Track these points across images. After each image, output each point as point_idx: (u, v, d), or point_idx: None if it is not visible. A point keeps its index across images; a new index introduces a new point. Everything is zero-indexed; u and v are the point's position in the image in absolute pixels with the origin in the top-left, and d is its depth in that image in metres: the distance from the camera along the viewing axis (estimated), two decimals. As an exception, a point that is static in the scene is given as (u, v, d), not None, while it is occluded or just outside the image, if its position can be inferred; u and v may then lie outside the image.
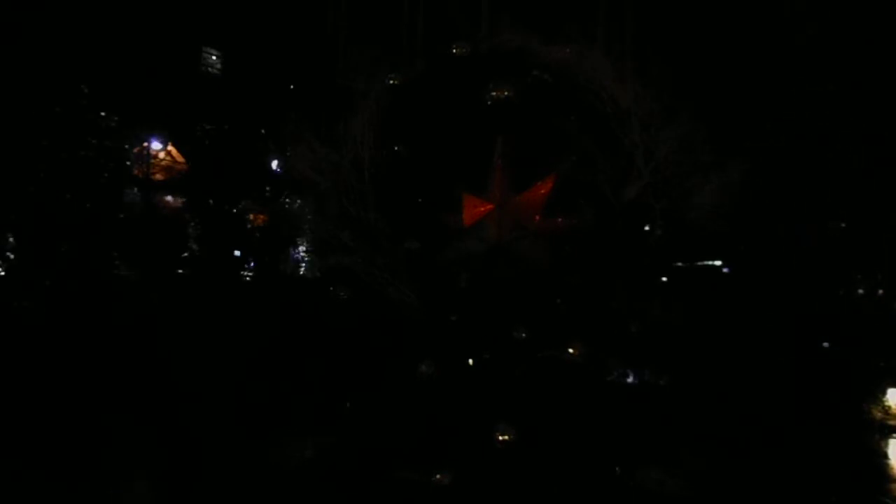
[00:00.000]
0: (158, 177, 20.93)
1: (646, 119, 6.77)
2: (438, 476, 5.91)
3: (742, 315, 11.62)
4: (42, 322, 13.78)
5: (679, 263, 10.75)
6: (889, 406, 9.83)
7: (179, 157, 21.77)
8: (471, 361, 6.66)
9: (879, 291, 16.19)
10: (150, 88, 19.63)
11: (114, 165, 18.26)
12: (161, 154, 21.54)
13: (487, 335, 6.56)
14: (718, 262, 15.04)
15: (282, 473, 6.51)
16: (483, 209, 6.91)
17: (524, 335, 6.36)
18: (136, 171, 20.09)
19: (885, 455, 8.63)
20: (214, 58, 25.35)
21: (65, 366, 10.82)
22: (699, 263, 13.87)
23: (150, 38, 20.46)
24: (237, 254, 20.56)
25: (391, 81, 7.29)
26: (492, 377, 6.44)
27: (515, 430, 5.92)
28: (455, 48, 7.26)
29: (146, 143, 20.71)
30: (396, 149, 7.32)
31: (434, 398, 6.26)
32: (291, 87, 20.00)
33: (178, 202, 20.99)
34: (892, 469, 8.18)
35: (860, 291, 16.36)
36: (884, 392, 9.96)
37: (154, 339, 12.43)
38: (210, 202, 19.68)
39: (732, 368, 9.14)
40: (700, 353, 7.47)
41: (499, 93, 6.80)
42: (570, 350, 6.32)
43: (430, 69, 7.55)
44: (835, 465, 7.55)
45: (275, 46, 21.13)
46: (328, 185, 7.40)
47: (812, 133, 14.52)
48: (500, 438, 5.92)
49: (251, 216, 20.86)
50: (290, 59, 20.38)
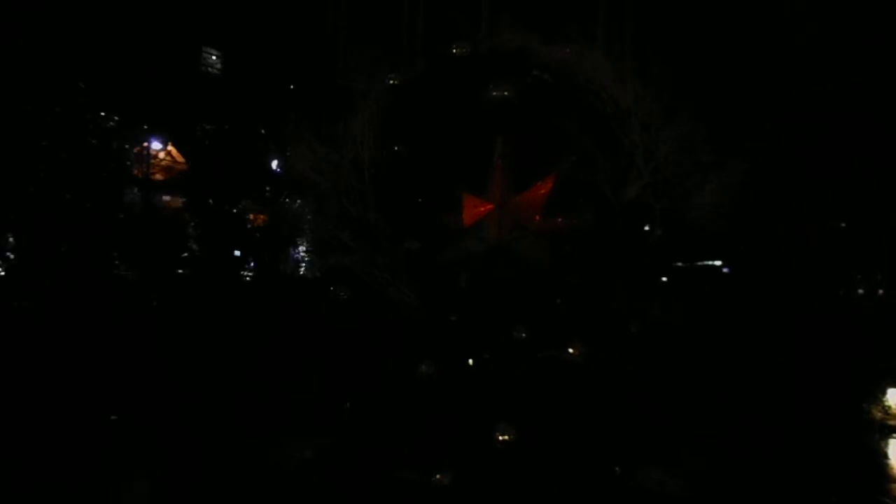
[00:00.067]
0: (158, 177, 20.93)
1: (646, 119, 6.77)
2: (438, 476, 5.91)
3: (742, 315, 11.63)
4: (42, 322, 13.77)
5: (679, 263, 10.75)
6: (889, 406, 9.82)
7: (179, 157, 21.77)
8: (471, 361, 6.66)
9: (879, 291, 16.20)
10: (150, 88, 19.61)
11: (114, 165, 18.26)
12: (161, 154, 21.54)
13: (487, 335, 6.56)
14: (718, 262, 15.05)
15: (282, 473, 6.51)
16: (483, 209, 6.91)
17: (524, 335, 6.36)
18: (136, 171, 20.08)
19: (885, 455, 8.63)
20: (214, 58, 25.34)
21: (65, 366, 10.81)
22: (699, 263, 13.88)
23: (150, 38, 20.45)
24: (237, 254, 20.56)
25: (391, 81, 7.29)
26: (492, 377, 6.44)
27: (515, 430, 5.92)
28: (455, 48, 7.26)
29: (146, 143, 20.70)
30: (396, 149, 7.32)
31: (434, 398, 6.26)
32: (291, 87, 19.99)
33: (178, 202, 20.99)
34: (892, 469, 8.18)
35: (860, 291, 16.38)
36: (884, 392, 9.95)
37: (154, 339, 12.43)
38: (210, 202, 19.68)
39: (732, 368, 9.13)
40: (700, 353, 7.46)
41: (499, 93, 6.81)
42: (570, 350, 6.32)
43: (430, 69, 7.55)
44: (835, 465, 7.55)
45: (275, 46, 21.11)
46: (328, 185, 7.40)
47: (812, 133, 14.53)
48: (500, 438, 5.92)
49: (251, 216, 20.88)
50: (290, 59, 20.37)
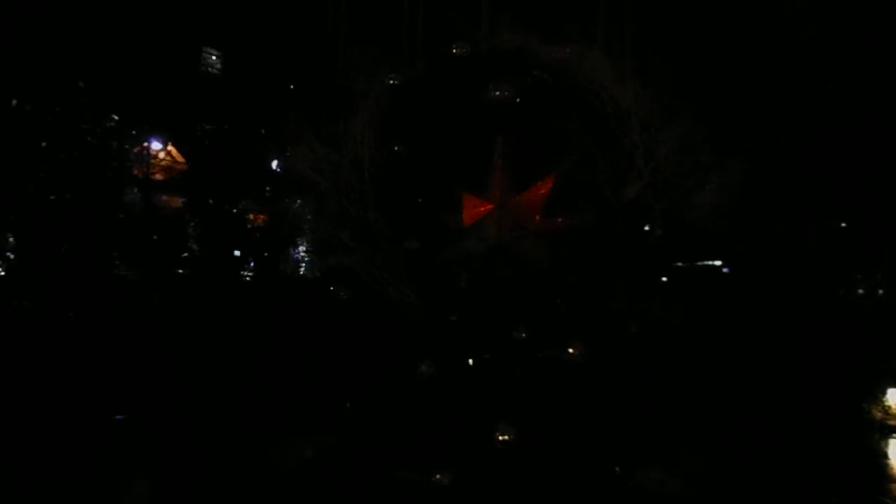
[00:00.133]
0: (158, 177, 20.91)
1: (646, 119, 6.77)
2: (438, 476, 5.91)
3: (742, 315, 11.63)
4: (42, 322, 13.77)
5: (679, 263, 10.75)
6: (889, 406, 9.82)
7: (179, 157, 21.75)
8: (471, 361, 6.66)
9: (879, 291, 16.21)
10: (150, 88, 19.61)
11: (114, 165, 18.24)
12: (161, 154, 21.52)
13: (487, 335, 6.56)
14: (718, 262, 15.04)
15: (282, 473, 6.51)
16: (483, 209, 6.91)
17: (524, 335, 6.36)
18: (136, 171, 20.06)
19: (885, 455, 8.63)
20: (214, 58, 25.33)
21: (65, 365, 10.81)
22: (699, 263, 13.87)
23: (150, 38, 20.44)
24: (237, 254, 20.55)
25: (391, 81, 7.28)
26: (492, 377, 6.44)
27: (515, 430, 5.92)
28: (455, 48, 7.25)
29: (146, 143, 20.69)
30: (396, 149, 7.32)
31: (434, 398, 6.26)
32: (291, 87, 19.99)
33: (178, 202, 20.98)
34: (892, 469, 8.18)
35: (860, 291, 16.38)
36: (884, 392, 9.95)
37: (154, 339, 12.43)
38: (210, 202, 19.68)
39: (732, 368, 9.13)
40: (700, 353, 7.46)
41: (499, 93, 6.81)
42: (570, 350, 6.32)
43: (430, 69, 7.54)
44: (835, 465, 7.55)
45: (275, 46, 21.11)
46: (328, 185, 7.39)
47: (812, 133, 14.52)
48: (500, 438, 5.92)
49: (251, 216, 20.87)
50: (290, 59, 20.37)
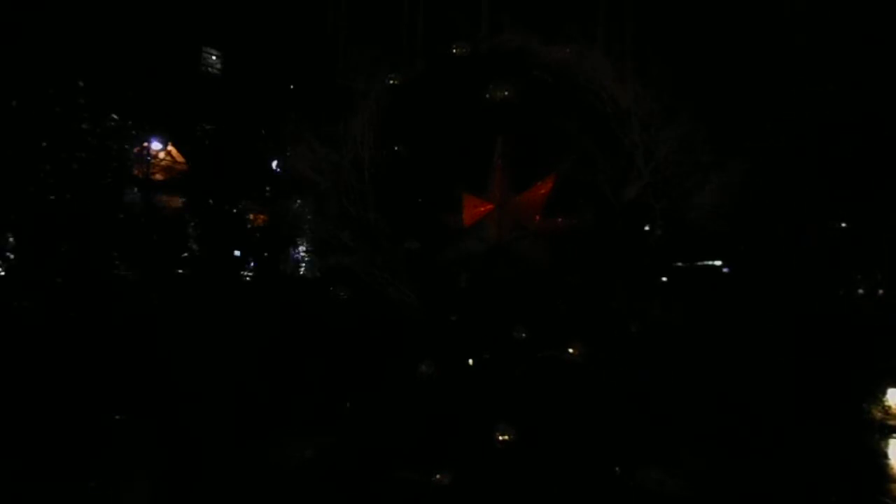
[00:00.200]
0: (158, 177, 20.93)
1: (646, 119, 6.77)
2: (438, 476, 5.91)
3: (742, 315, 11.63)
4: (42, 322, 13.77)
5: (679, 263, 10.75)
6: (889, 406, 9.82)
7: (179, 157, 21.77)
8: (471, 361, 6.66)
9: (879, 291, 16.21)
10: (150, 88, 19.61)
11: (114, 165, 18.24)
12: (161, 154, 21.53)
13: (487, 335, 6.56)
14: (718, 262, 15.05)
15: (282, 473, 6.51)
16: (483, 209, 6.91)
17: (524, 335, 6.36)
18: (136, 171, 20.07)
19: (885, 455, 8.63)
20: (214, 58, 25.33)
21: (65, 365, 10.81)
22: (699, 263, 13.88)
23: (150, 38, 20.45)
24: (237, 254, 20.56)
25: (391, 81, 7.28)
26: (492, 377, 6.44)
27: (515, 430, 5.92)
28: (455, 48, 7.25)
29: (146, 143, 20.70)
30: (396, 149, 7.32)
31: (434, 398, 6.26)
32: (291, 87, 19.99)
33: (178, 202, 20.98)
34: (892, 469, 8.18)
35: (860, 291, 16.38)
36: (884, 392, 9.95)
37: (154, 339, 12.43)
38: (210, 202, 19.68)
39: (732, 368, 9.13)
40: (700, 353, 7.45)
41: (499, 93, 6.81)
42: (570, 350, 6.32)
43: (430, 69, 7.54)
44: (835, 465, 7.55)
45: (275, 46, 21.12)
46: (328, 185, 7.39)
47: (812, 133, 14.53)
48: (500, 438, 5.92)
49: (251, 216, 20.87)
50: (290, 59, 20.38)
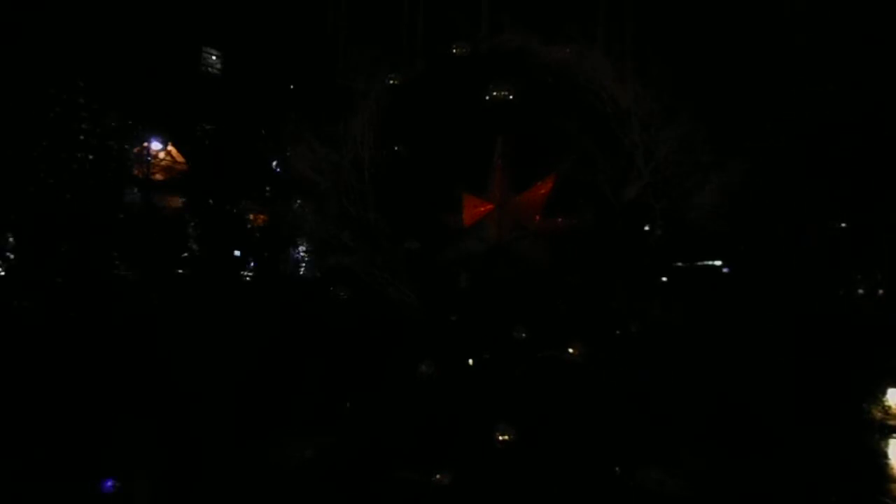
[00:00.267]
0: (158, 177, 20.93)
1: (646, 119, 6.78)
2: (438, 476, 5.91)
3: (742, 315, 11.62)
4: (42, 322, 13.76)
5: (679, 263, 10.75)
6: (889, 406, 9.81)
7: (179, 157, 21.77)
8: (471, 361, 6.66)
9: (879, 291, 16.20)
10: (150, 88, 19.62)
11: (114, 165, 18.25)
12: (161, 154, 21.53)
13: (487, 335, 6.57)
14: (718, 262, 15.05)
15: (282, 473, 6.51)
16: (483, 209, 6.92)
17: (524, 335, 6.36)
18: (136, 171, 20.08)
19: (885, 455, 8.63)
20: (214, 58, 25.33)
21: (65, 365, 10.81)
22: (699, 263, 13.88)
23: (150, 38, 20.45)
24: (237, 254, 20.56)
25: (391, 81, 7.30)
26: (492, 377, 6.44)
27: (515, 430, 5.92)
28: (455, 48, 7.27)
29: (146, 143, 20.71)
30: (396, 149, 7.34)
31: (434, 398, 6.26)
32: (291, 87, 19.99)
33: (178, 202, 20.99)
34: (892, 469, 8.18)
35: (860, 291, 16.37)
36: (884, 392, 9.94)
37: (154, 339, 12.42)
38: (210, 202, 19.69)
39: (732, 368, 9.13)
40: (700, 353, 7.46)
41: (499, 93, 6.81)
42: (570, 350, 6.32)
43: (430, 69, 7.56)
44: (835, 465, 7.55)
45: (275, 46, 21.12)
46: (328, 185, 7.41)
47: (812, 133, 14.52)
48: (500, 438, 5.92)
49: (251, 216, 20.87)
50: (290, 59, 20.37)
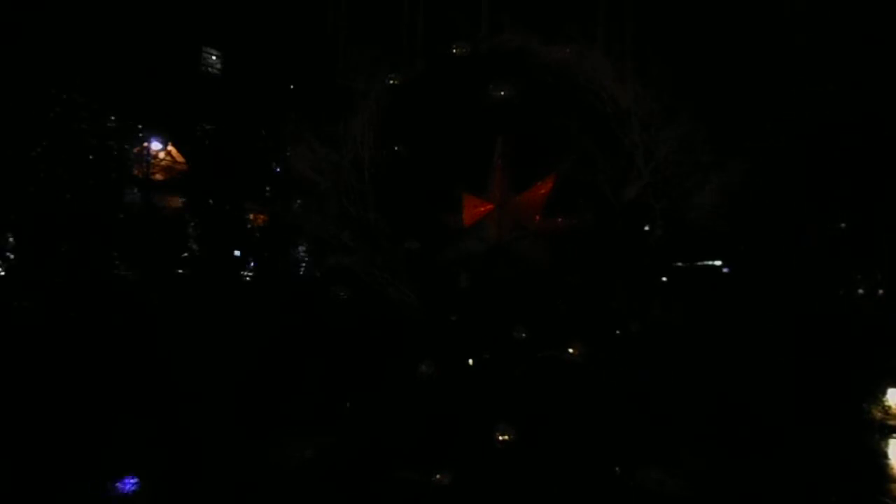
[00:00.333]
0: (158, 177, 20.93)
1: (646, 119, 6.78)
2: (438, 476, 5.91)
3: (742, 315, 11.62)
4: (42, 322, 13.76)
5: (679, 263, 10.75)
6: (889, 406, 9.81)
7: (179, 157, 21.76)
8: (471, 361, 6.66)
9: (879, 291, 16.20)
10: (150, 88, 19.61)
11: (115, 165, 18.25)
12: (161, 154, 21.53)
13: (487, 335, 6.57)
14: (718, 262, 15.04)
15: (282, 473, 6.51)
16: (483, 209, 6.92)
17: (524, 335, 6.36)
18: (136, 171, 20.08)
19: (885, 455, 8.62)
20: (214, 58, 25.32)
21: (65, 365, 10.81)
22: (699, 263, 13.87)
23: (150, 38, 20.44)
24: (237, 254, 20.55)
25: (391, 81, 7.30)
26: (492, 377, 6.44)
27: (515, 430, 5.92)
28: (455, 48, 7.27)
29: (146, 143, 20.70)
30: (396, 149, 7.34)
31: (434, 398, 6.26)
32: (291, 87, 19.98)
33: (178, 202, 20.99)
34: (892, 469, 8.18)
35: (860, 291, 16.37)
36: (884, 392, 9.94)
37: (154, 339, 12.42)
38: (210, 202, 19.68)
39: (732, 368, 9.13)
40: (700, 353, 7.46)
41: (499, 93, 6.81)
42: (570, 350, 6.32)
43: (430, 69, 7.56)
44: (835, 465, 7.55)
45: (275, 46, 21.10)
46: (328, 185, 7.41)
47: (812, 133, 14.52)
48: (500, 438, 5.92)
49: (251, 216, 20.87)
50: (290, 59, 20.36)
